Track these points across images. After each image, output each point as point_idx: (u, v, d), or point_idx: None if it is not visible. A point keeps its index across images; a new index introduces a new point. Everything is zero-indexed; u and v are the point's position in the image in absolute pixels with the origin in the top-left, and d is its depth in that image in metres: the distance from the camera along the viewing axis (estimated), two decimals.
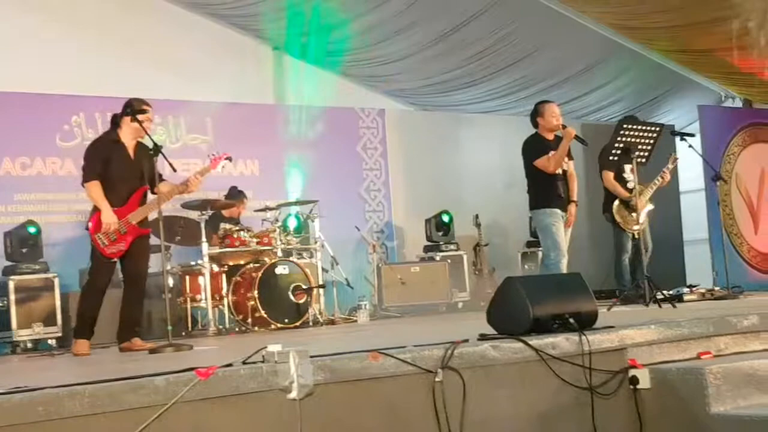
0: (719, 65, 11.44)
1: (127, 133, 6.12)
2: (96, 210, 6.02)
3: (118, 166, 6.06)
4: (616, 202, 8.14)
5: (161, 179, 6.20)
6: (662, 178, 8.25)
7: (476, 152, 11.60)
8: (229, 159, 6.67)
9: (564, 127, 7.11)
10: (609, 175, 8.18)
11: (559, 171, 7.16)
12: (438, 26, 10.17)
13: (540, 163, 7.08)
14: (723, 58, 11.03)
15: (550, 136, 7.22)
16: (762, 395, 3.95)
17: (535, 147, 7.18)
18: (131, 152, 6.13)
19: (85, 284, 6.30)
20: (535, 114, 7.27)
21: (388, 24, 10.11)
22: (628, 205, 8.09)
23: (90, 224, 6.04)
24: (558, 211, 7.10)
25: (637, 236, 8.04)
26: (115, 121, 6.18)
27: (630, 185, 8.04)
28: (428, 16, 9.99)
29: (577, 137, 7.04)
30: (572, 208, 7.23)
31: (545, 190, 7.13)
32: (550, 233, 7.05)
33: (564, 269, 6.94)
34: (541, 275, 7.14)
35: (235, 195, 9.15)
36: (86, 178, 6.08)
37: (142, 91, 8.95)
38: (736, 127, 11.49)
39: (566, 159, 7.27)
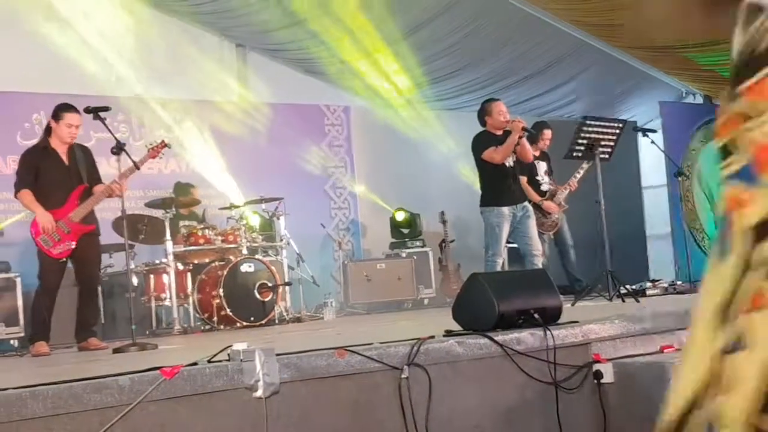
0: (680, 61, 11.55)
1: (58, 139, 6.18)
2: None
3: (51, 172, 6.13)
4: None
5: (99, 180, 6.29)
6: (570, 185, 8.39)
7: (441, 149, 11.62)
8: (168, 146, 6.61)
9: (512, 121, 7.20)
10: (522, 180, 8.12)
11: (509, 164, 7.22)
12: (402, 23, 10.17)
13: (488, 154, 7.15)
14: (684, 54, 11.13)
15: (499, 132, 7.29)
16: None
17: (484, 141, 7.27)
18: (64, 157, 6.20)
19: (37, 287, 6.29)
20: (483, 113, 7.35)
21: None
22: (541, 209, 8.29)
23: (32, 230, 6.09)
24: (505, 210, 7.17)
25: (552, 236, 8.40)
26: (48, 128, 6.24)
27: (543, 188, 8.30)
28: (392, 13, 9.98)
29: (524, 129, 7.12)
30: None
31: (494, 187, 7.20)
32: (492, 233, 7.24)
33: (498, 268, 7.18)
34: (507, 271, 7.24)
35: (183, 188, 9.04)
36: (17, 189, 6.16)
37: (104, 89, 8.98)
38: (697, 123, 11.61)
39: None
